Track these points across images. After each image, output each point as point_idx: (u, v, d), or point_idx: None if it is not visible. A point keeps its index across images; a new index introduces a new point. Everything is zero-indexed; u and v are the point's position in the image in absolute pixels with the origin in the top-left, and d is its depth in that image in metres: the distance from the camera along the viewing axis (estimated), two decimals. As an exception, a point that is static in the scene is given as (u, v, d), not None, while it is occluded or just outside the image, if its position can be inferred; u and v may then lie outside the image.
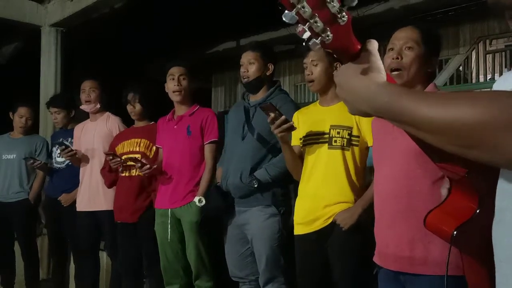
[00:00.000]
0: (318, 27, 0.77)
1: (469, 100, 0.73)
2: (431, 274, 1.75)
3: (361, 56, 0.87)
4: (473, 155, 0.74)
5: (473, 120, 0.71)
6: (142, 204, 3.39)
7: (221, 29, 6.74)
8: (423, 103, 0.77)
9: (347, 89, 0.88)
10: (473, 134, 0.72)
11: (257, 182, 2.68)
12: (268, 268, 2.72)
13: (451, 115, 0.73)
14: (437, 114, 0.74)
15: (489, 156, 0.73)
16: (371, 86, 0.84)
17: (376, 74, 0.86)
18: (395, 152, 1.88)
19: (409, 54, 1.88)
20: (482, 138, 0.71)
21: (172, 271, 3.18)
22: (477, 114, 0.71)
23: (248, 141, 2.81)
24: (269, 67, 2.89)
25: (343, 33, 0.81)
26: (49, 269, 4.82)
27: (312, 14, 0.76)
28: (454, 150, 0.76)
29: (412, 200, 1.80)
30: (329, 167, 2.37)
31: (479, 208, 1.16)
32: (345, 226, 2.31)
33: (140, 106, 3.49)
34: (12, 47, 6.99)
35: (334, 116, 2.41)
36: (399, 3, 5.80)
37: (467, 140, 0.73)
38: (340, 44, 0.82)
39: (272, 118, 2.31)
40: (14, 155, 4.26)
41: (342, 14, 0.78)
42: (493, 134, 0.70)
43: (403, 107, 0.79)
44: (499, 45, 5.85)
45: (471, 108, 0.72)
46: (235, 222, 2.87)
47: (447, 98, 0.75)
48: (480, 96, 0.74)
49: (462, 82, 6.06)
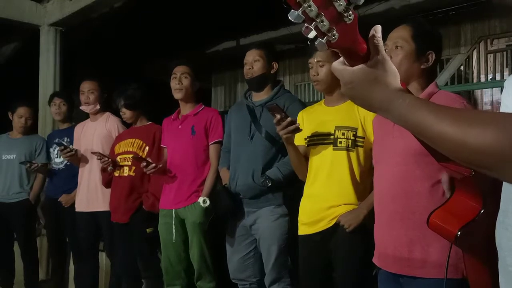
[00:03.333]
0: (324, 26, 0.76)
1: (482, 123, 0.73)
2: (429, 277, 1.74)
3: (375, 60, 0.85)
4: (482, 172, 0.76)
5: (484, 147, 0.72)
6: (132, 204, 3.38)
7: (221, 29, 6.73)
8: (438, 120, 0.77)
9: (363, 99, 0.88)
10: (482, 159, 0.73)
11: (271, 181, 2.68)
12: (275, 268, 2.72)
13: (464, 136, 0.73)
14: (451, 134, 0.75)
15: (498, 177, 0.75)
16: (389, 98, 0.84)
17: (392, 81, 0.86)
18: (394, 152, 1.87)
19: (398, 53, 1.88)
20: (491, 164, 0.73)
21: (174, 272, 3.18)
22: (488, 140, 0.71)
23: (257, 141, 2.80)
24: (274, 66, 2.90)
25: (349, 32, 0.79)
26: (48, 269, 4.81)
27: (318, 13, 0.75)
28: (464, 165, 0.79)
29: (411, 201, 1.79)
30: (334, 168, 2.36)
31: (483, 208, 1.16)
32: (349, 228, 2.30)
33: (128, 111, 3.49)
34: (11, 47, 6.97)
35: (339, 116, 2.40)
36: (400, 3, 5.80)
37: (477, 162, 0.74)
38: (346, 44, 0.81)
39: (278, 119, 2.29)
40: (14, 155, 4.24)
41: (349, 13, 0.77)
42: (502, 163, 0.71)
43: (419, 121, 0.79)
44: (500, 44, 5.85)
45: (482, 132, 0.72)
46: (242, 224, 2.86)
47: (465, 117, 0.76)
48: (492, 120, 0.74)
49: (463, 82, 6.05)
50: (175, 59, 3.38)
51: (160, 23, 6.33)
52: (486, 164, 0.73)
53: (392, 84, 0.85)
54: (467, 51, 5.98)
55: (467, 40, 5.97)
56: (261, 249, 2.78)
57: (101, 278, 4.01)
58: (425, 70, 1.91)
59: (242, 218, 2.85)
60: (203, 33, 6.75)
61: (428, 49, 1.89)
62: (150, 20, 6.27)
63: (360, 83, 0.86)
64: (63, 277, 4.30)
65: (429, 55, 1.90)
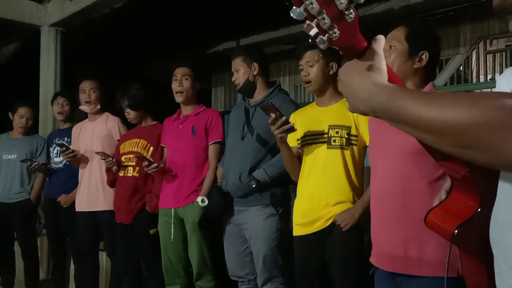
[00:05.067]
0: (326, 24, 0.77)
1: (466, 101, 0.73)
2: (426, 275, 1.74)
3: (365, 54, 0.87)
4: (468, 155, 0.74)
5: (469, 120, 0.71)
6: (135, 205, 3.39)
7: (221, 29, 6.74)
8: (419, 102, 0.77)
9: (347, 87, 0.89)
10: (468, 134, 0.72)
11: (256, 182, 2.68)
12: (266, 268, 2.72)
13: (447, 114, 0.73)
14: (433, 113, 0.74)
15: (484, 157, 0.73)
16: (369, 85, 0.85)
17: (376, 74, 0.86)
18: (390, 152, 1.88)
19: (391, 53, 1.91)
20: (477, 139, 0.71)
21: (174, 271, 3.19)
22: (473, 114, 0.71)
23: (247, 141, 2.82)
24: (254, 66, 2.90)
25: (350, 30, 0.81)
26: (49, 269, 4.81)
27: (319, 10, 0.76)
28: (450, 150, 0.76)
29: (408, 200, 1.80)
30: (328, 166, 2.37)
31: (480, 207, 1.16)
32: (345, 227, 2.31)
33: (132, 112, 3.50)
34: (12, 47, 6.98)
35: (333, 116, 2.42)
36: (399, 3, 5.81)
37: (462, 140, 0.73)
38: (346, 41, 0.82)
39: (273, 119, 2.30)
40: (14, 155, 4.25)
41: (350, 11, 0.78)
42: (488, 135, 0.70)
43: (399, 106, 0.79)
44: (499, 45, 5.85)
45: (467, 108, 0.72)
46: (234, 221, 2.88)
47: (443, 98, 0.75)
48: (476, 97, 0.74)
49: (463, 82, 6.06)
50: (176, 61, 3.39)
51: (160, 23, 6.34)
52: (472, 139, 0.72)
53: (377, 76, 0.86)
54: (467, 52, 5.99)
55: (466, 40, 5.98)
56: (252, 249, 2.80)
57: (101, 277, 4.01)
58: (418, 70, 1.92)
59: (234, 216, 2.87)
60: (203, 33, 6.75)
61: (422, 49, 1.91)
62: (150, 21, 6.28)
63: (345, 73, 0.88)
64: (64, 277, 4.30)
65: (423, 55, 1.91)
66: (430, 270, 1.73)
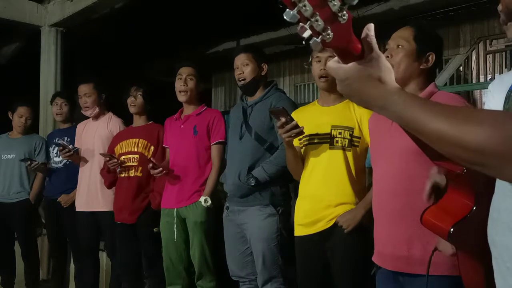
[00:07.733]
0: (319, 26, 0.78)
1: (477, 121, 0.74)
2: (430, 274, 1.74)
3: (369, 58, 0.87)
4: (477, 169, 0.76)
5: (477, 144, 0.72)
6: (140, 204, 3.39)
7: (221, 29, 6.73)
8: (434, 117, 0.78)
9: (359, 96, 0.89)
10: (476, 156, 0.74)
11: (255, 181, 2.69)
12: (266, 268, 2.72)
13: (459, 133, 0.74)
14: (446, 130, 0.75)
15: (492, 174, 0.76)
16: (385, 94, 0.85)
17: (387, 78, 0.86)
18: (393, 151, 1.88)
19: (399, 52, 1.92)
20: (485, 161, 0.73)
21: (175, 271, 3.19)
22: (482, 137, 0.72)
23: (246, 141, 2.82)
24: (263, 67, 2.92)
25: (343, 31, 0.81)
26: (49, 269, 4.82)
27: (313, 12, 0.76)
28: (457, 160, 0.78)
29: (410, 199, 1.80)
30: (330, 167, 2.37)
31: (476, 205, 1.17)
32: (347, 228, 2.31)
33: (141, 99, 3.52)
34: (12, 47, 6.98)
35: (336, 116, 2.41)
36: (399, 4, 5.80)
37: (476, 159, 0.75)
38: (340, 43, 0.83)
39: (282, 123, 2.28)
40: (13, 155, 4.26)
41: (343, 13, 0.79)
42: (495, 161, 0.72)
43: (414, 118, 0.80)
44: (499, 45, 5.84)
45: (489, 130, 0.73)
46: (234, 221, 2.88)
47: (457, 114, 0.77)
48: (487, 117, 0.75)
49: (463, 82, 6.05)
50: (181, 60, 3.42)
51: (160, 23, 6.34)
52: (480, 161, 0.74)
53: (386, 80, 0.86)
54: (466, 52, 5.98)
55: (466, 40, 5.97)
56: (252, 249, 2.80)
57: (102, 277, 4.02)
58: (424, 71, 1.94)
59: (235, 216, 2.88)
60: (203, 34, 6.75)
61: (429, 50, 1.93)
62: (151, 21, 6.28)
63: (355, 80, 0.87)
64: (64, 277, 4.31)
65: (430, 56, 1.93)
66: (434, 268, 1.73)
